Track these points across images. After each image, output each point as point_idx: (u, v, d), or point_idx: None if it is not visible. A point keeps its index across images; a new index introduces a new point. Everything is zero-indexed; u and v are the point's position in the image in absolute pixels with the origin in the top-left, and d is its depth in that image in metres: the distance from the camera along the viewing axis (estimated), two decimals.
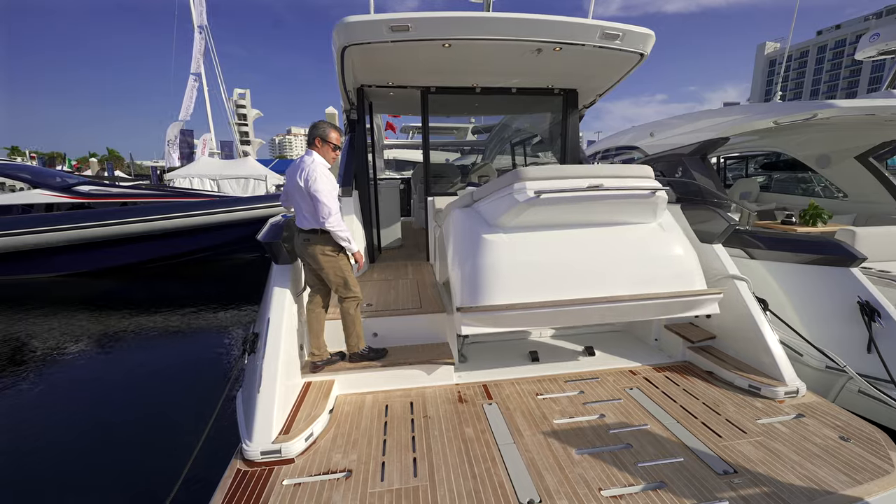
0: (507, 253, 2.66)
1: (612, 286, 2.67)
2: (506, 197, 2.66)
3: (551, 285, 2.64)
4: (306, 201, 2.63)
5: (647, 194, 2.71)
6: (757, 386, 2.70)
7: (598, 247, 2.77)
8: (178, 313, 6.82)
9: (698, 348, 3.21)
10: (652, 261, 2.78)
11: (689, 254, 2.88)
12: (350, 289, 2.80)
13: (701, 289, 2.79)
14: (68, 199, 9.37)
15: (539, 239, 2.73)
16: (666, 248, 2.84)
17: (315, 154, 2.71)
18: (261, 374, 2.36)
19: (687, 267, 2.83)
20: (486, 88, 4.50)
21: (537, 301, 2.57)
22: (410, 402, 2.69)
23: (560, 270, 2.68)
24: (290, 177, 2.73)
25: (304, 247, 2.75)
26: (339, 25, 3.11)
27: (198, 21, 21.26)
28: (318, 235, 2.69)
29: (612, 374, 3.02)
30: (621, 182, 2.71)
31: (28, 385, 4.54)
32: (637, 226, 2.89)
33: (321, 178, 2.60)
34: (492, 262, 2.62)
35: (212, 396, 2.49)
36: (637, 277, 2.72)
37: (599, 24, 3.21)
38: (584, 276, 2.68)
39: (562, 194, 2.56)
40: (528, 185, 2.58)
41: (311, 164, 2.63)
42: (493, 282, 2.59)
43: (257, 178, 15.71)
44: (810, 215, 4.73)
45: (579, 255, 2.72)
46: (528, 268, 2.66)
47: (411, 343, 3.13)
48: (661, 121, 6.03)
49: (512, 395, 2.75)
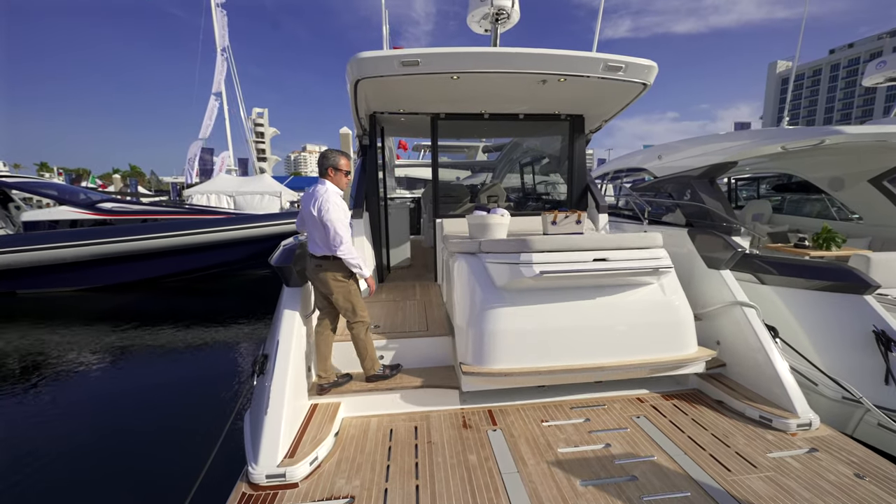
0: (510, 321, 2.76)
1: (610, 351, 2.80)
2: (511, 265, 2.78)
3: (552, 351, 2.77)
4: (318, 229, 2.73)
5: (650, 270, 2.81)
6: (768, 417, 2.64)
7: (600, 312, 2.85)
8: (192, 328, 6.96)
9: (708, 376, 3.15)
10: (651, 326, 2.88)
11: (687, 317, 2.96)
12: (358, 314, 2.87)
13: (693, 355, 2.90)
14: (92, 215, 9.76)
15: (542, 306, 2.82)
16: (665, 314, 2.91)
17: (328, 183, 2.81)
18: (268, 396, 2.41)
19: (683, 332, 2.94)
20: (494, 114, 4.63)
21: (537, 367, 2.73)
22: (415, 426, 2.69)
23: (561, 337, 2.79)
24: (305, 205, 2.83)
25: (316, 272, 2.83)
26: (352, 61, 3.28)
27: (220, 44, 22.29)
28: (329, 262, 2.78)
29: (619, 402, 2.98)
30: (627, 255, 2.81)
31: (32, 397, 4.68)
32: (639, 288, 2.95)
33: (333, 207, 2.70)
34: (495, 329, 2.74)
35: (221, 415, 2.54)
36: (635, 343, 2.84)
37: (602, 57, 3.31)
38: (584, 342, 2.81)
39: (566, 274, 2.69)
40: (535, 259, 2.71)
41: (324, 194, 2.74)
42: (495, 349, 2.73)
43: (272, 194, 16.09)
44: (824, 239, 4.65)
45: (580, 322, 2.82)
46: (530, 335, 2.77)
47: (417, 366, 3.16)
48: (669, 144, 6.06)
49: (517, 421, 2.74)
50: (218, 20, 21.78)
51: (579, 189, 4.89)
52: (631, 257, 2.81)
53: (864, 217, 5.71)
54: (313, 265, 2.84)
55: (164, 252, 9.26)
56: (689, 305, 2.98)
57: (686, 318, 2.94)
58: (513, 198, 6.68)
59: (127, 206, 10.79)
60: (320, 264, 2.80)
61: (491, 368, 2.71)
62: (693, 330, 2.96)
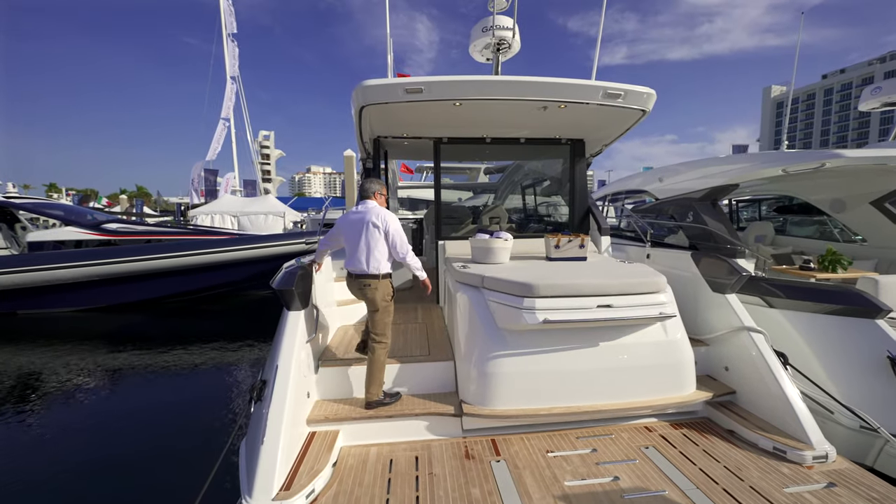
0: (511, 364, 2.78)
1: (613, 393, 2.84)
2: (514, 309, 2.81)
3: (554, 393, 2.80)
4: (379, 245, 2.86)
5: (654, 316, 2.85)
6: (782, 449, 2.54)
7: (602, 354, 2.86)
8: (193, 350, 6.88)
9: (718, 404, 3.06)
10: (654, 368, 2.90)
11: (689, 356, 2.98)
12: (386, 335, 2.96)
13: (697, 395, 2.97)
14: (97, 235, 9.82)
15: (544, 348, 2.83)
16: (668, 355, 2.93)
17: (374, 202, 2.99)
18: (265, 425, 2.34)
19: (686, 371, 2.97)
20: (495, 139, 4.70)
21: (537, 409, 2.76)
22: (416, 456, 2.60)
23: (563, 379, 2.82)
24: (352, 225, 2.91)
25: (364, 291, 2.91)
26: (358, 88, 3.37)
27: (230, 72, 23.05)
28: (379, 281, 2.89)
29: (627, 431, 2.88)
30: (631, 301, 2.85)
31: (27, 419, 4.58)
32: (642, 329, 2.95)
33: (393, 219, 2.91)
34: (496, 372, 2.77)
35: (217, 442, 2.43)
36: (638, 385, 2.87)
37: (602, 85, 3.38)
38: (587, 384, 2.83)
39: (569, 324, 2.73)
40: (538, 305, 2.74)
41: (381, 210, 2.93)
42: (497, 391, 2.76)
43: (276, 214, 16.23)
44: (829, 261, 4.62)
45: (583, 365, 2.84)
46: (532, 377, 2.79)
47: (419, 392, 3.08)
48: (670, 166, 6.12)
49: (521, 451, 2.65)
50: (229, 50, 22.65)
51: (581, 212, 4.91)
52: (636, 303, 2.84)
53: (868, 239, 5.68)
54: (361, 284, 2.91)
55: (166, 272, 9.25)
56: (689, 343, 3.01)
57: (688, 356, 2.97)
58: (514, 219, 6.70)
59: (131, 226, 10.87)
60: (369, 283, 2.88)
61: (493, 410, 2.75)
62: (693, 368, 3.00)
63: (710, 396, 2.98)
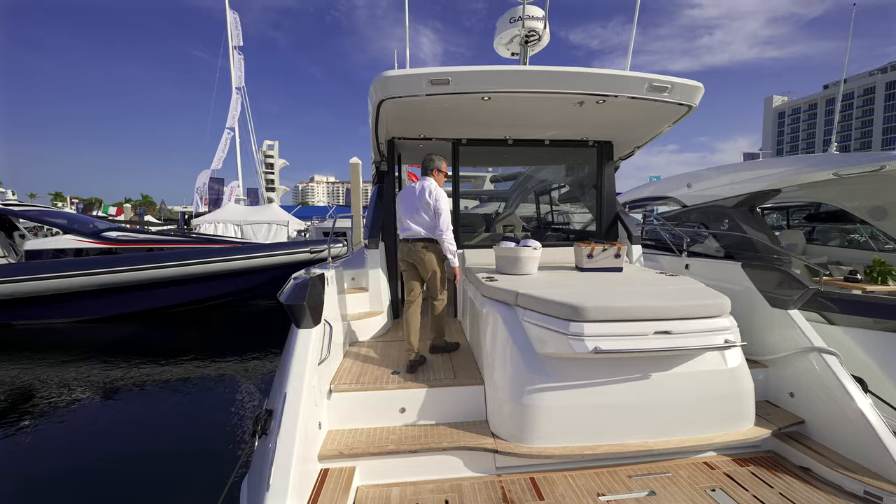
0: (553, 398, 2.43)
1: (668, 429, 2.51)
2: (557, 334, 2.46)
3: (601, 429, 2.45)
4: (430, 214, 3.08)
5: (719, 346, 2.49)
6: (877, 494, 2.16)
7: (656, 385, 2.50)
8: (194, 363, 6.55)
9: (785, 436, 2.69)
10: (710, 401, 2.54)
11: (749, 388, 2.62)
12: (443, 292, 3.27)
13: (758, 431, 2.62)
14: (97, 244, 9.55)
15: (588, 381, 2.47)
16: (728, 386, 2.57)
17: (432, 179, 3.20)
18: (272, 463, 1.99)
19: (745, 404, 2.62)
20: (518, 140, 4.41)
21: (582, 448, 2.43)
22: (445, 499, 2.24)
23: (611, 413, 2.46)
24: (409, 198, 3.16)
25: (419, 253, 3.12)
26: (377, 80, 3.06)
27: (236, 84, 23.14)
28: (433, 244, 3.13)
29: (685, 468, 2.51)
30: (692, 326, 2.48)
31: (20, 432, 4.29)
32: (700, 356, 2.58)
33: (444, 197, 3.11)
34: (536, 406, 2.43)
35: (218, 473, 2.11)
36: (695, 419, 2.52)
37: (648, 77, 3.08)
38: (638, 419, 2.48)
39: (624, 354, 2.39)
40: (587, 331, 2.37)
41: (435, 187, 3.15)
42: (536, 427, 2.43)
43: (280, 223, 16.00)
44: (878, 272, 4.28)
45: (634, 397, 2.48)
46: (576, 411, 2.45)
47: (445, 420, 2.71)
48: (697, 172, 5.83)
49: (567, 493, 2.28)
50: (235, 63, 22.77)
51: (609, 218, 4.59)
52: (697, 329, 2.47)
53: None
54: (417, 247, 3.12)
55: (168, 282, 8.95)
56: (749, 370, 2.65)
57: (749, 386, 2.62)
58: (529, 227, 6.39)
59: (132, 234, 10.59)
60: (426, 246, 3.12)
61: (531, 448, 2.41)
62: (753, 397, 2.64)
63: (776, 429, 2.61)
